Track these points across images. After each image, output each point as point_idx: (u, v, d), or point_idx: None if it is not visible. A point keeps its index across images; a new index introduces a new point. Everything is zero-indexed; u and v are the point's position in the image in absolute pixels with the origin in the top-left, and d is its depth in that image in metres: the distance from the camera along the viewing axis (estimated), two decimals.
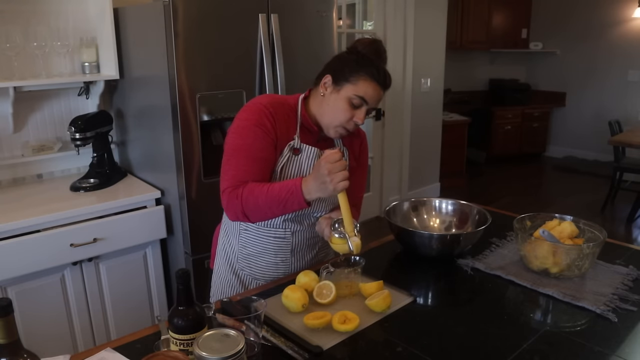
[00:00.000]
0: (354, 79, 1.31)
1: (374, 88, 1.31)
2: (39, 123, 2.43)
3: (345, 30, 4.04)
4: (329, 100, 1.35)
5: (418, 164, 4.77)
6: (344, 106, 1.32)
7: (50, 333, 2.05)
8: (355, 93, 1.31)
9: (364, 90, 1.30)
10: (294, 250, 1.48)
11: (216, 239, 1.64)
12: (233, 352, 0.85)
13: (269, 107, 1.35)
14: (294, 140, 1.38)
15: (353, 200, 1.59)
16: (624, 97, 6.11)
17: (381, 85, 1.32)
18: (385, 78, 1.33)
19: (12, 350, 0.81)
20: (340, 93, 1.32)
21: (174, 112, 2.06)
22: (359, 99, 1.31)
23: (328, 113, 1.36)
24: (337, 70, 1.34)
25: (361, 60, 1.32)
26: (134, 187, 2.36)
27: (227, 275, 1.54)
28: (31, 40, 2.20)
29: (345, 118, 1.33)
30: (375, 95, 1.32)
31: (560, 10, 6.50)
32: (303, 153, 1.39)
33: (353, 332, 1.13)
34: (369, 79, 1.30)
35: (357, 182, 1.58)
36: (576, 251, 1.32)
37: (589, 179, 5.81)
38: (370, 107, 1.34)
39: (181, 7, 1.96)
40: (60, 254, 1.99)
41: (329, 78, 1.35)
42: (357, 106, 1.32)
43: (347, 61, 1.34)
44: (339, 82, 1.33)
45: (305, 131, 1.41)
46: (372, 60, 1.32)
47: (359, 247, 1.28)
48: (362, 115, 1.33)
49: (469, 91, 6.79)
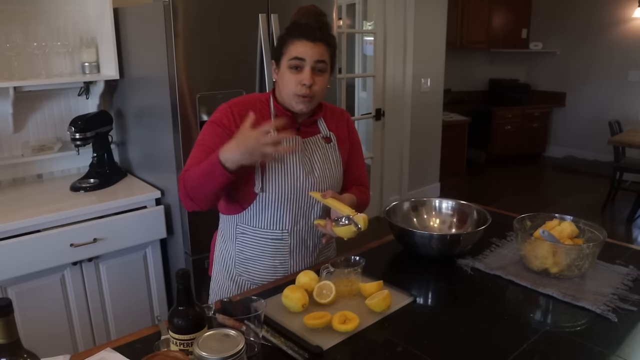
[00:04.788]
0: (285, 48, 1.35)
1: (303, 44, 1.33)
2: (39, 123, 2.44)
3: (345, 30, 4.04)
4: (280, 80, 1.39)
5: (418, 164, 4.77)
6: (288, 76, 1.35)
7: (50, 333, 2.05)
8: (288, 58, 1.34)
9: (295, 51, 1.33)
10: (292, 252, 1.47)
11: (214, 246, 1.63)
12: (233, 352, 0.85)
13: (232, 107, 1.41)
14: (269, 133, 1.37)
15: (361, 181, 1.60)
16: (623, 97, 6.10)
17: (310, 38, 1.33)
18: (313, 30, 1.33)
19: (12, 350, 0.81)
20: (282, 68, 1.37)
21: (174, 112, 2.06)
22: (294, 61, 1.33)
23: (282, 90, 1.39)
24: (274, 53, 1.40)
25: (287, 31, 1.37)
26: (134, 187, 2.36)
27: (225, 282, 1.53)
28: (31, 40, 2.20)
29: (293, 85, 1.35)
30: (308, 50, 1.33)
31: (560, 10, 6.50)
32: (283, 143, 1.38)
33: (353, 332, 1.13)
34: (295, 40, 1.33)
35: (358, 163, 1.59)
36: (576, 251, 1.32)
37: (589, 179, 5.81)
38: (314, 65, 1.34)
39: (181, 7, 1.96)
40: (60, 254, 1.99)
41: (273, 64, 1.41)
42: (298, 68, 1.34)
43: (279, 38, 1.39)
44: (278, 60, 1.38)
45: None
46: (299, 22, 1.36)
47: (366, 221, 1.28)
48: (307, 75, 1.33)
49: (469, 91, 6.79)
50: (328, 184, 1.44)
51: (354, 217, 1.27)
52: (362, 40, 5.72)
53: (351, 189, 1.53)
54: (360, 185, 1.59)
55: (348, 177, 1.55)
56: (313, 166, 1.44)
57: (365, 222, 1.27)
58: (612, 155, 4.70)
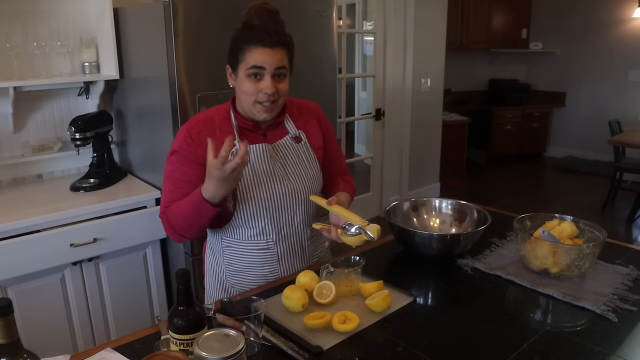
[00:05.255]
0: (241, 56, 1.29)
1: (261, 52, 1.27)
2: (39, 123, 2.44)
3: (345, 30, 4.04)
4: (237, 88, 1.34)
5: (418, 164, 4.77)
6: (247, 84, 1.30)
7: (50, 333, 2.05)
8: (246, 67, 1.28)
9: (253, 59, 1.27)
10: (280, 260, 1.45)
11: (204, 256, 1.61)
12: (233, 352, 0.85)
13: (189, 130, 1.36)
14: (235, 146, 1.34)
15: (342, 170, 1.59)
16: (623, 97, 6.10)
17: (268, 44, 1.27)
18: (270, 35, 1.27)
19: (12, 350, 0.81)
20: (239, 76, 1.31)
21: (174, 112, 2.06)
22: (253, 69, 1.28)
23: (241, 99, 1.34)
24: (230, 58, 1.34)
25: (240, 34, 1.30)
26: (134, 187, 2.36)
27: (220, 295, 1.51)
28: (31, 40, 2.20)
29: (253, 94, 1.30)
30: (267, 58, 1.27)
31: (560, 10, 6.50)
32: (251, 154, 1.37)
33: (353, 332, 1.13)
34: (252, 47, 1.27)
35: (336, 154, 1.57)
36: (576, 251, 1.32)
37: (589, 179, 5.81)
38: (274, 71, 1.29)
39: (181, 7, 1.96)
40: (60, 254, 1.99)
41: (229, 69, 1.35)
42: (257, 76, 1.29)
43: (232, 43, 1.33)
44: (235, 68, 1.33)
45: (245, 132, 1.39)
46: (252, 26, 1.29)
47: (379, 232, 1.26)
48: (268, 84, 1.28)
49: (468, 91, 6.79)
50: (307, 185, 1.42)
51: (367, 227, 1.26)
52: (362, 40, 5.73)
53: (336, 182, 1.53)
54: (342, 174, 1.58)
55: (329, 169, 1.54)
56: (287, 171, 1.41)
57: (379, 233, 1.26)
58: (612, 155, 4.70)
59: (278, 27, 1.31)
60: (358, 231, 1.27)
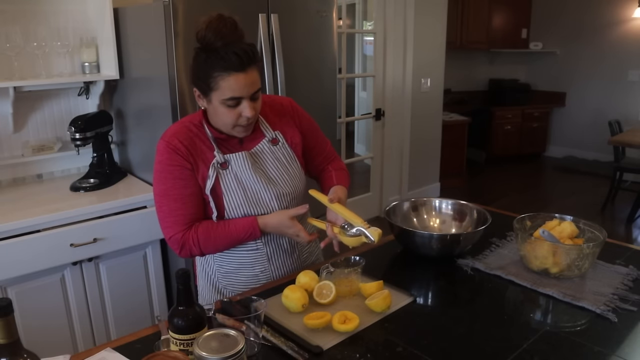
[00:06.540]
0: (213, 84, 1.21)
1: (235, 79, 1.19)
2: (39, 123, 2.43)
3: (345, 30, 4.04)
4: (211, 110, 1.29)
5: (418, 164, 4.77)
6: (224, 111, 1.24)
7: (50, 333, 2.04)
8: (222, 98, 1.22)
9: (229, 89, 1.20)
10: (271, 259, 1.45)
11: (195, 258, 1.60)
12: (233, 352, 0.85)
13: (174, 140, 1.31)
14: (215, 157, 1.33)
15: (329, 156, 1.58)
16: (623, 97, 6.10)
17: (240, 69, 1.19)
18: (239, 57, 1.18)
19: (12, 350, 0.81)
20: (213, 102, 1.25)
21: (174, 112, 2.06)
22: (230, 100, 1.22)
23: (218, 121, 1.30)
24: (197, 82, 1.26)
25: (206, 60, 1.20)
26: (134, 187, 2.36)
27: (213, 296, 1.51)
28: (31, 40, 2.20)
29: (232, 120, 1.26)
30: (243, 86, 1.20)
31: (561, 10, 6.50)
32: (232, 163, 1.34)
33: (353, 332, 1.13)
34: (225, 76, 1.19)
35: (318, 141, 1.55)
36: (576, 251, 1.32)
37: (589, 179, 5.81)
38: (251, 95, 1.24)
39: (181, 7, 1.96)
40: (60, 254, 1.99)
41: (196, 91, 1.28)
42: (236, 105, 1.24)
43: (198, 67, 1.24)
44: (205, 94, 1.25)
45: (222, 142, 1.36)
46: (217, 49, 1.19)
47: (380, 235, 1.26)
48: (248, 109, 1.23)
49: (468, 91, 6.79)
50: (291, 186, 1.42)
51: (368, 230, 1.26)
52: (362, 40, 5.73)
53: (329, 173, 1.54)
54: (331, 160, 1.58)
55: (316, 159, 1.54)
56: (269, 175, 1.39)
57: (379, 237, 1.26)
58: (612, 155, 4.70)
59: (243, 44, 1.21)
60: (358, 232, 1.28)
